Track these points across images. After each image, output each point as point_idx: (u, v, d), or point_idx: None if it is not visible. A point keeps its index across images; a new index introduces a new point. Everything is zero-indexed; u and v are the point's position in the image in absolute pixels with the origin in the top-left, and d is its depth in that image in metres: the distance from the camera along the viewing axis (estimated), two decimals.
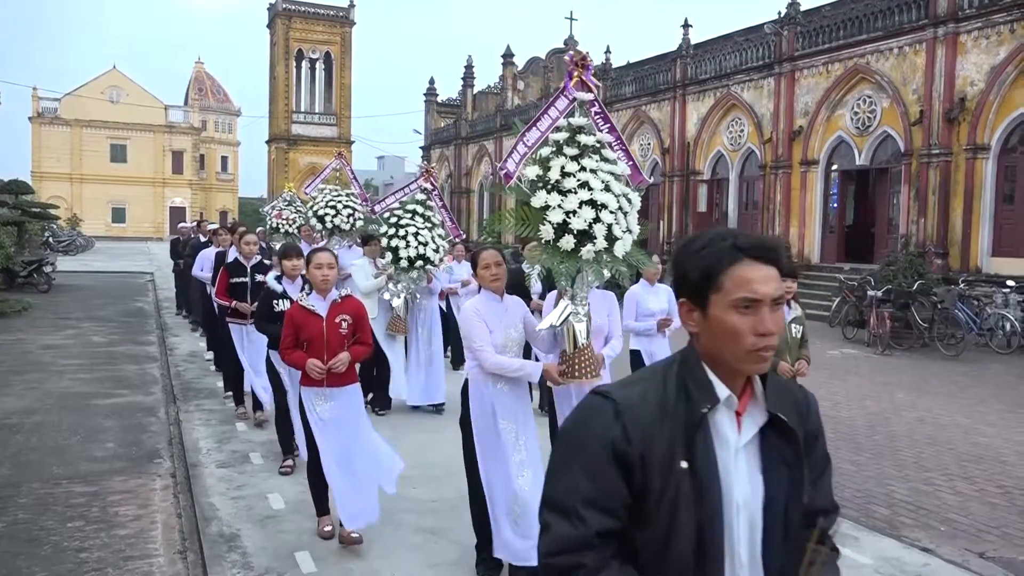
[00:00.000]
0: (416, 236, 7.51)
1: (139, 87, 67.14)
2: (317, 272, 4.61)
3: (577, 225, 3.88)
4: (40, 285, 19.82)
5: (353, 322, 4.67)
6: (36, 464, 6.22)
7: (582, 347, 4.16)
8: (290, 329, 4.61)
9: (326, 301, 4.65)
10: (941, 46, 18.04)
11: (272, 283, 5.90)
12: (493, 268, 4.19)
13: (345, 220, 10.40)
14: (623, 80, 30.46)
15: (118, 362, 10.81)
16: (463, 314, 4.15)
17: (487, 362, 4.02)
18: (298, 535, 4.81)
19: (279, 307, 5.65)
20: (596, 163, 3.99)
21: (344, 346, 4.60)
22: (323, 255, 4.66)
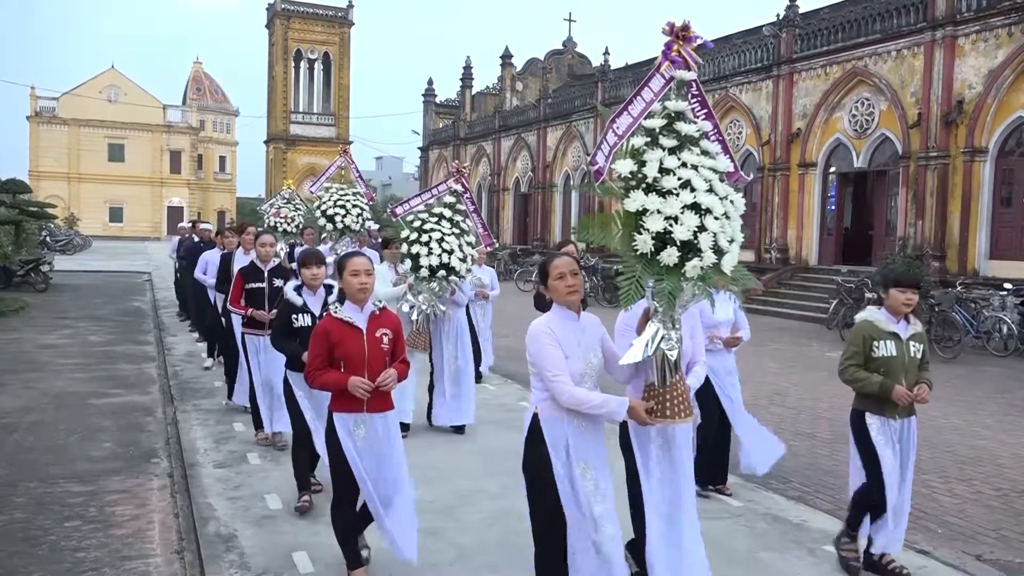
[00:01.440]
0: (440, 243, 6.73)
1: (137, 86, 67.14)
2: (354, 280, 4.02)
3: (680, 235, 3.13)
4: (37, 284, 19.79)
5: (393, 337, 4.12)
6: (33, 463, 6.20)
7: (674, 381, 3.45)
8: (322, 346, 3.98)
9: (364, 313, 4.06)
10: (939, 49, 18.09)
11: (291, 294, 5.21)
12: (569, 278, 3.46)
13: (355, 220, 10.05)
14: (621, 82, 30.50)
15: (115, 361, 10.80)
16: (533, 336, 3.43)
17: (563, 395, 3.34)
18: (296, 535, 4.81)
19: (298, 322, 5.13)
20: (697, 157, 3.28)
21: (385, 365, 4.04)
22: (360, 260, 4.08)
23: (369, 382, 3.90)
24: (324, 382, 3.99)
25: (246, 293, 6.59)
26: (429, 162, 48.34)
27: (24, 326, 13.91)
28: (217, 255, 9.56)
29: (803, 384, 10.57)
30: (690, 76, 3.46)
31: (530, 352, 3.43)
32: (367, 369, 3.96)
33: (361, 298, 4.04)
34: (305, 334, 4.85)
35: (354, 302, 4.06)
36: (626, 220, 3.25)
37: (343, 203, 10.06)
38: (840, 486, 6.15)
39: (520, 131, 37.49)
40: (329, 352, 3.98)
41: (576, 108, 33.03)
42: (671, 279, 3.20)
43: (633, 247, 3.19)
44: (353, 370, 3.95)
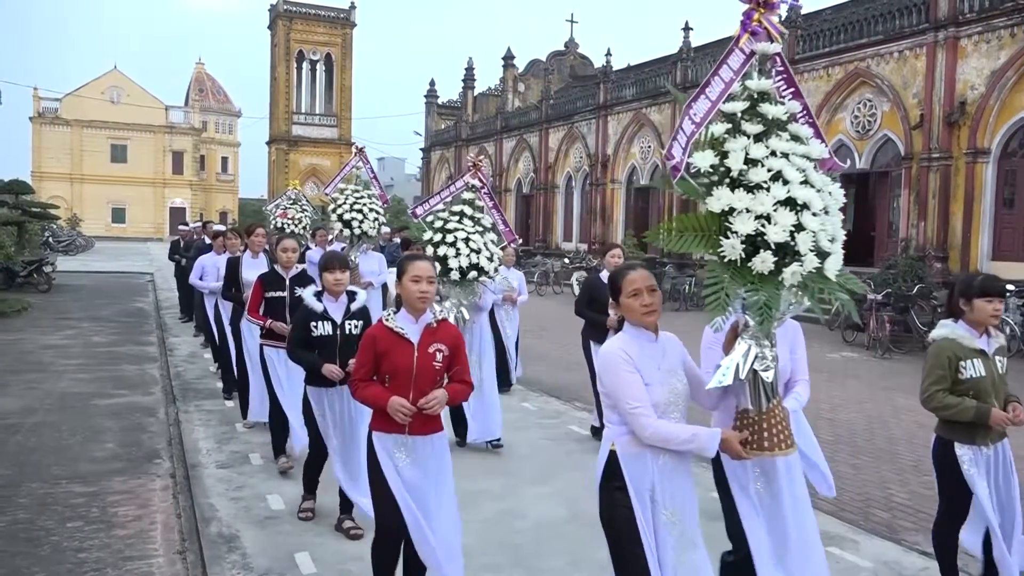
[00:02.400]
0: (467, 242, 6.33)
1: (140, 87, 67.22)
2: (414, 287, 3.55)
3: (775, 236, 2.68)
4: (40, 285, 19.83)
5: (450, 354, 3.65)
6: (36, 464, 6.22)
7: (772, 407, 2.95)
8: (367, 354, 3.59)
9: (418, 324, 3.62)
10: (942, 50, 18.07)
11: (310, 300, 4.75)
12: (646, 296, 2.99)
13: (372, 225, 9.62)
14: (623, 83, 30.50)
15: (118, 362, 10.81)
16: (606, 362, 2.97)
17: (646, 430, 2.88)
18: (298, 536, 4.81)
19: (317, 331, 4.68)
20: (787, 143, 2.81)
21: (435, 384, 3.61)
22: (424, 265, 3.60)
23: (410, 405, 3.48)
24: (365, 396, 3.60)
25: (265, 302, 6.03)
26: (431, 163, 48.37)
27: (27, 327, 13.93)
28: (215, 259, 9.27)
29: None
30: (774, 49, 2.96)
31: (604, 381, 2.98)
32: (413, 387, 3.53)
33: (420, 307, 3.60)
34: (325, 344, 4.66)
35: (411, 311, 3.62)
36: (710, 222, 2.81)
37: (359, 207, 9.59)
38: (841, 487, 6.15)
39: (522, 132, 37.51)
40: (375, 362, 3.58)
41: (578, 109, 33.03)
42: (766, 288, 2.75)
43: (719, 253, 2.77)
44: (398, 387, 3.53)
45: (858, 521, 5.45)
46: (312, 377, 4.75)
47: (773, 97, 2.91)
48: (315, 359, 4.66)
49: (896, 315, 14.28)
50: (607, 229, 30.48)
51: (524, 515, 5.28)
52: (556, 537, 4.90)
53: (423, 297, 3.58)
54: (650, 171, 28.94)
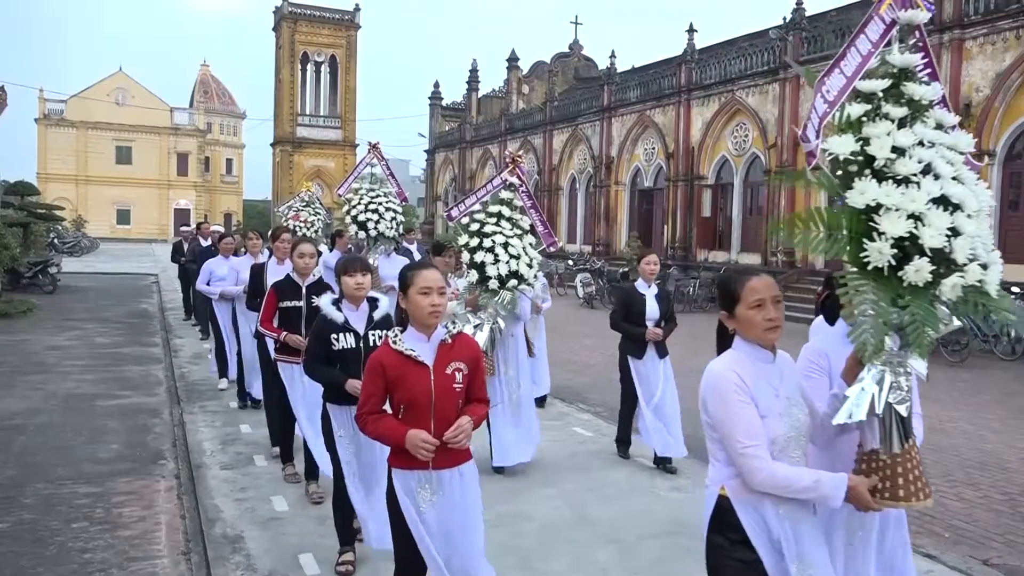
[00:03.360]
0: (506, 247, 5.75)
1: (145, 89, 67.43)
2: (423, 300, 3.05)
3: (931, 240, 2.26)
4: (45, 286, 19.88)
5: (469, 372, 3.15)
6: (40, 465, 6.23)
7: (908, 447, 2.46)
8: (376, 384, 3.08)
9: (431, 343, 3.11)
10: (946, 52, 18.04)
11: (328, 309, 4.22)
12: (771, 308, 2.45)
13: (389, 225, 9.10)
14: (628, 85, 30.52)
15: (122, 363, 10.83)
16: (715, 387, 2.44)
17: (758, 474, 2.35)
18: (302, 537, 4.82)
19: (338, 344, 4.17)
20: (934, 132, 2.39)
21: (457, 409, 3.11)
22: (432, 275, 3.10)
23: (432, 439, 2.99)
24: (378, 432, 3.12)
25: (279, 313, 5.48)
26: (435, 165, 48.42)
27: (32, 328, 13.97)
28: (223, 263, 9.08)
29: None
30: (922, 18, 2.54)
31: (710, 411, 2.45)
32: (434, 416, 3.04)
33: (431, 323, 3.09)
34: (347, 358, 4.16)
35: (421, 328, 3.10)
36: (844, 219, 2.37)
37: (375, 207, 9.06)
38: None
39: (526, 134, 37.53)
40: (385, 392, 3.10)
41: (582, 111, 33.04)
42: (917, 303, 2.29)
43: (862, 258, 2.31)
44: (416, 417, 3.04)
45: None
46: (333, 394, 4.24)
47: (917, 76, 2.44)
48: (336, 376, 4.15)
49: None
50: (611, 231, 30.47)
51: (529, 517, 5.28)
52: (560, 540, 4.90)
53: (435, 312, 3.07)
54: (654, 173, 28.92)
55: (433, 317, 3.08)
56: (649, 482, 6.16)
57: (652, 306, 6.36)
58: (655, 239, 28.07)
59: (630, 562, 4.61)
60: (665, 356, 6.47)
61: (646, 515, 5.39)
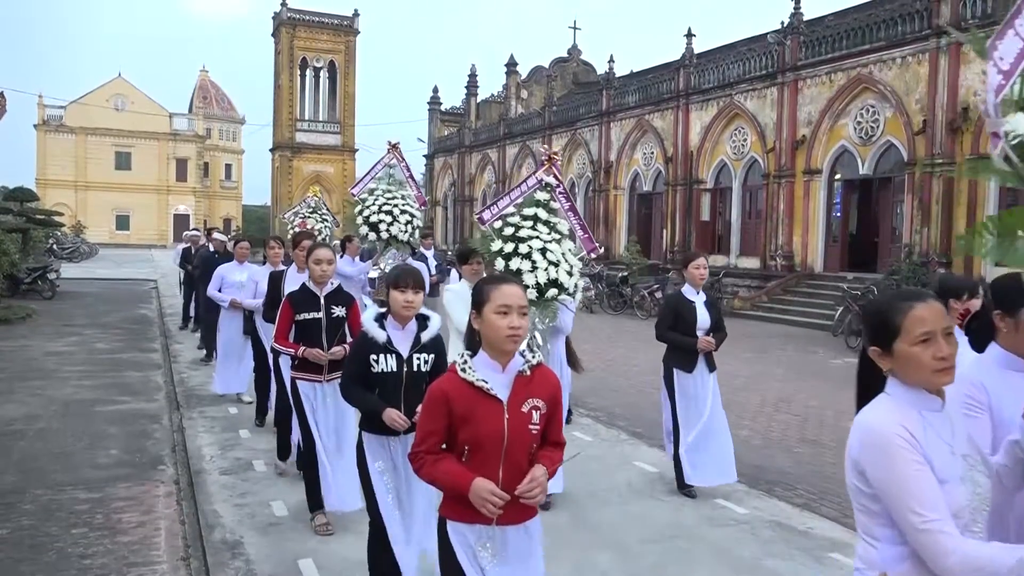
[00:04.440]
0: (544, 253, 5.20)
1: (144, 95, 67.55)
2: (501, 322, 2.53)
3: None
4: (44, 292, 19.88)
5: (547, 411, 2.63)
6: (40, 470, 6.23)
7: None
8: (437, 420, 2.57)
9: (507, 374, 2.59)
10: (944, 56, 18.10)
11: (370, 326, 3.75)
12: (942, 343, 1.94)
13: (403, 228, 8.67)
14: (626, 89, 30.57)
15: (122, 369, 10.83)
16: (874, 443, 1.97)
17: (950, 557, 1.82)
18: (301, 543, 4.81)
19: (378, 366, 3.70)
20: None
21: (531, 453, 2.61)
22: (512, 291, 2.58)
23: (503, 494, 2.49)
24: (436, 476, 2.59)
25: (296, 326, 5.00)
26: (434, 170, 48.44)
27: (31, 333, 13.96)
28: (236, 269, 8.69)
29: (809, 391, 10.55)
30: None
31: (871, 475, 1.97)
32: (504, 461, 2.54)
33: (508, 350, 2.58)
34: (387, 383, 3.72)
35: (495, 355, 2.59)
36: None
37: (389, 208, 8.63)
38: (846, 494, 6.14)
39: (525, 139, 37.57)
40: (448, 429, 2.57)
41: (581, 116, 33.10)
42: None
43: None
44: (483, 461, 2.54)
45: None
46: (369, 421, 3.79)
47: None
48: (374, 402, 3.71)
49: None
50: (610, 235, 30.49)
51: None
52: (561, 544, 4.90)
53: (514, 336, 2.53)
54: (653, 177, 28.96)
55: (511, 342, 2.56)
56: (648, 487, 6.16)
57: (703, 314, 5.82)
58: (654, 243, 28.09)
59: (630, 566, 4.61)
60: (714, 369, 5.96)
61: (646, 519, 5.39)
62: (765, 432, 8.29)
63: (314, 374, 4.95)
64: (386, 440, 3.76)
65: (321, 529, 4.91)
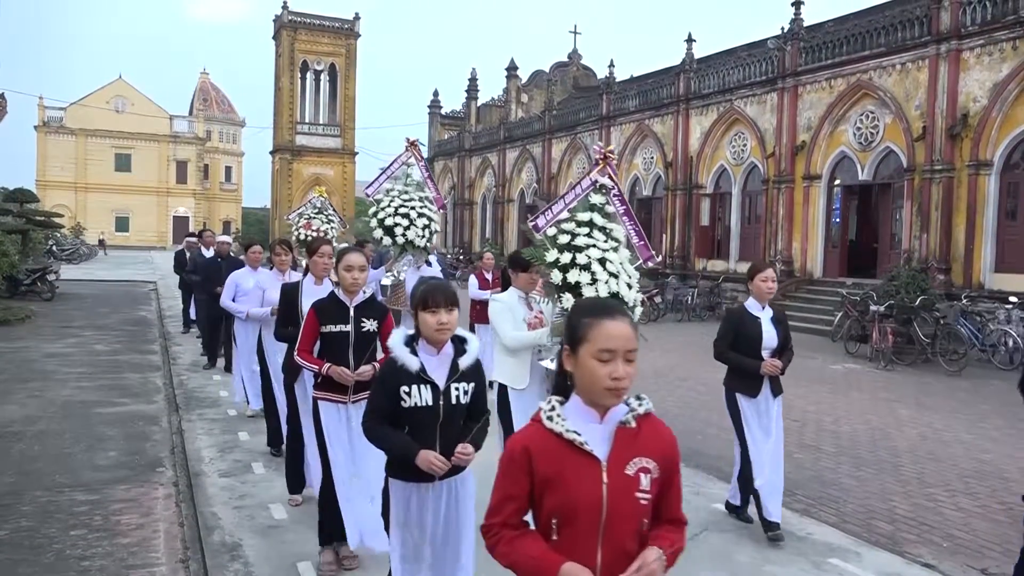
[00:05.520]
0: (604, 264, 4.63)
1: (144, 97, 67.64)
2: (601, 371, 1.98)
3: None
4: (44, 293, 19.90)
5: (660, 476, 2.05)
6: (39, 472, 6.23)
7: None
8: (517, 483, 2.04)
9: (607, 423, 2.04)
10: (944, 62, 18.12)
11: (400, 352, 3.17)
12: None
13: (420, 233, 8.11)
14: (626, 94, 30.59)
15: (121, 371, 10.83)
16: None
17: None
18: (300, 545, 4.81)
19: (410, 400, 3.13)
20: None
21: (640, 531, 2.03)
22: (619, 330, 2.00)
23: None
24: (515, 560, 2.05)
25: (322, 339, 4.43)
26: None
27: (30, 335, 13.96)
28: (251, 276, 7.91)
29: (808, 396, 10.55)
30: None
31: None
32: (603, 541, 1.99)
33: (608, 402, 2.02)
34: (420, 420, 3.15)
35: (593, 402, 2.03)
36: None
37: (406, 211, 8.05)
38: (844, 499, 6.15)
39: (525, 143, 37.60)
40: (530, 494, 2.05)
41: (581, 120, 33.13)
42: None
43: None
44: (575, 541, 1.99)
45: (860, 533, 5.44)
46: (398, 466, 3.20)
47: None
48: (405, 443, 3.13)
49: (899, 326, 14.27)
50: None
51: None
52: None
53: (618, 389, 1.98)
54: (653, 181, 28.99)
55: (613, 396, 2.00)
56: None
57: (769, 332, 5.23)
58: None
59: None
60: (780, 393, 5.35)
61: None
62: None
63: (339, 394, 4.41)
64: (416, 488, 3.19)
65: (326, 568, 4.46)
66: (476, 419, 3.24)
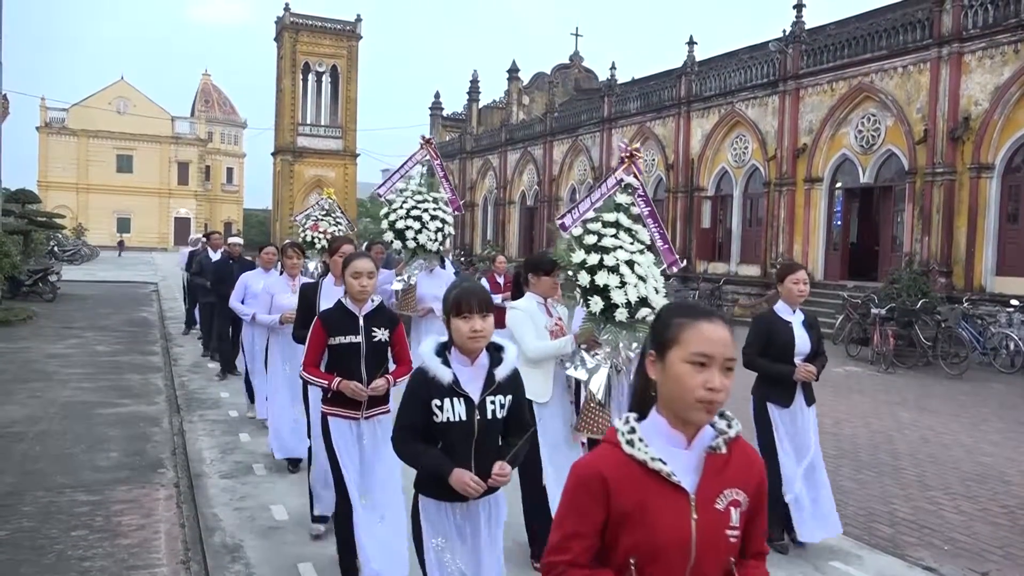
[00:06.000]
0: (632, 266, 4.36)
1: (146, 98, 67.73)
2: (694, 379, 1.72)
3: None
4: (45, 294, 19.91)
5: (749, 507, 1.81)
6: (40, 473, 6.23)
7: None
8: (595, 516, 1.75)
9: (694, 450, 1.78)
10: (945, 65, 18.12)
11: (431, 363, 2.87)
12: None
13: (432, 236, 7.57)
14: (628, 96, 30.61)
15: (122, 371, 10.84)
16: None
17: None
18: (301, 547, 4.82)
19: (442, 415, 2.85)
20: None
21: (728, 571, 1.78)
22: (719, 334, 1.74)
23: None
24: None
25: (329, 352, 4.15)
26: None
27: (32, 335, 13.97)
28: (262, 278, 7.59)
29: None
30: None
31: None
32: None
33: (699, 419, 1.74)
34: (454, 436, 2.87)
35: (679, 422, 1.77)
36: None
37: (418, 213, 7.56)
38: (844, 502, 6.14)
39: (526, 145, 37.61)
40: (603, 528, 1.76)
41: (582, 122, 33.13)
42: None
43: None
44: None
45: (862, 536, 5.44)
46: (430, 483, 2.93)
47: None
48: (439, 460, 2.85)
49: (900, 329, 14.27)
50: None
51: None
52: None
53: (712, 403, 1.70)
54: (654, 184, 29.00)
55: (704, 411, 1.71)
56: None
57: (801, 337, 4.96)
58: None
59: None
60: (813, 402, 5.11)
61: None
62: None
63: (350, 409, 4.11)
64: (450, 508, 2.96)
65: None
66: (516, 434, 2.98)
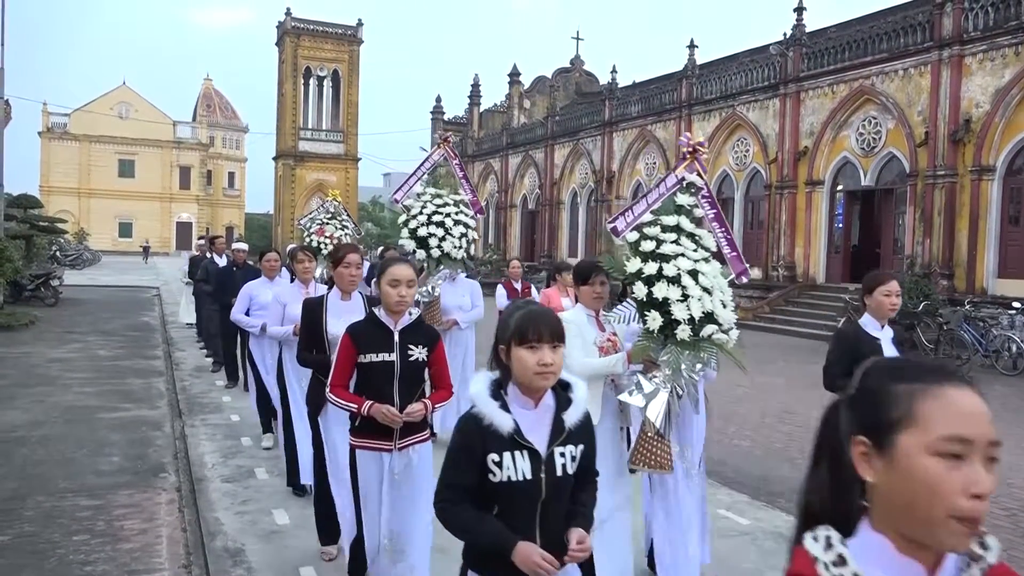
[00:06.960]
0: (695, 277, 3.77)
1: (148, 103, 67.90)
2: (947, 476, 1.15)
3: None
4: (47, 299, 19.92)
5: None
6: (42, 477, 6.23)
7: None
8: None
9: None
10: (946, 68, 18.14)
11: (486, 407, 2.23)
12: None
13: (456, 243, 6.94)
14: (629, 99, 30.64)
15: (124, 376, 10.84)
16: None
17: None
18: (303, 551, 4.81)
19: (501, 472, 2.20)
20: None
21: None
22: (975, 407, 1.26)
23: None
24: None
25: (359, 371, 3.61)
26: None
27: (34, 340, 13.98)
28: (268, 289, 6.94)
29: (811, 401, 10.53)
30: None
31: None
32: None
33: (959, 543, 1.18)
34: (516, 498, 2.22)
35: (915, 546, 1.18)
36: None
37: (440, 219, 6.93)
38: None
39: (527, 148, 37.65)
40: None
41: (583, 126, 33.17)
42: None
43: None
44: None
45: None
46: (486, 560, 2.26)
47: None
48: (497, 533, 2.20)
49: (902, 332, 14.27)
50: (612, 246, 30.54)
51: None
52: None
53: (974, 520, 1.16)
54: None
55: (963, 531, 1.17)
56: None
57: (890, 355, 3.98)
58: None
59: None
60: None
61: None
62: (767, 443, 8.29)
63: (382, 440, 3.57)
64: None
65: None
66: (585, 489, 2.37)
